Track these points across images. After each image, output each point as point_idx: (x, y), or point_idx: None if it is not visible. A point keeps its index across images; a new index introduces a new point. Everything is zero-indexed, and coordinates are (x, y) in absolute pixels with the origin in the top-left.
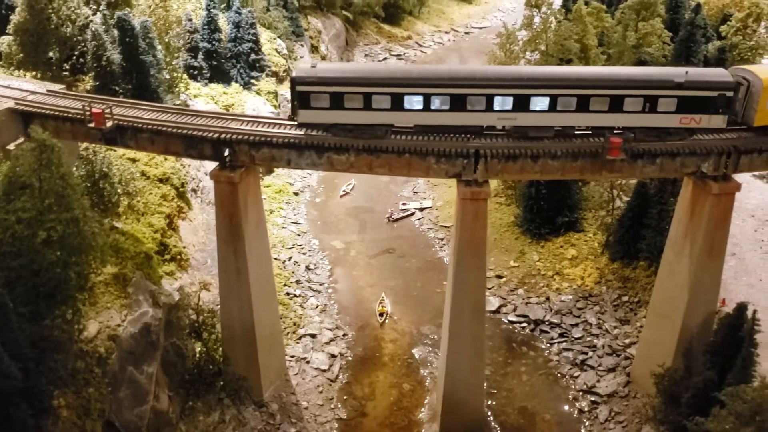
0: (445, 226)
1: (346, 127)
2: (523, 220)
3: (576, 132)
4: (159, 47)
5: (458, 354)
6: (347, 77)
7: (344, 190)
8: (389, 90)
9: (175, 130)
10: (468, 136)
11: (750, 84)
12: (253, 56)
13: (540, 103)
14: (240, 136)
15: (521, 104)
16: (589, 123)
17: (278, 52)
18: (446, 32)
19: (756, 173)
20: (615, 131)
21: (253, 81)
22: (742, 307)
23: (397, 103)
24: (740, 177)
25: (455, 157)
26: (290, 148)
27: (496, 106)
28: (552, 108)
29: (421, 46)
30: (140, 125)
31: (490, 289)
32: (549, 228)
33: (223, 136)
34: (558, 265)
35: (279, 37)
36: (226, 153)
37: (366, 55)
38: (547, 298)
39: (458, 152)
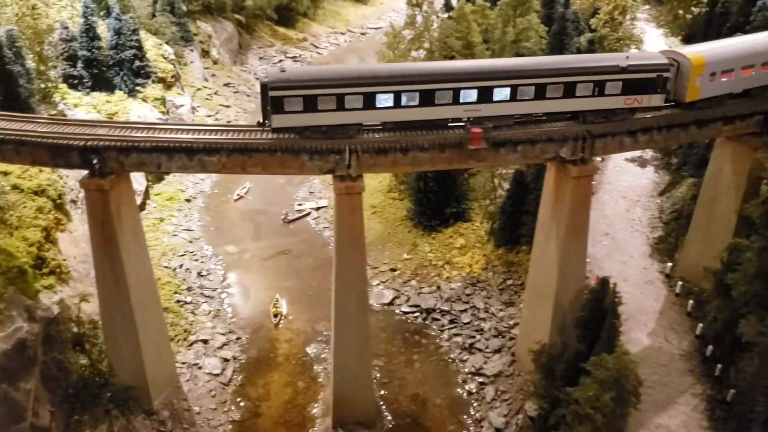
0: None
1: (319, 129)
2: (415, 214)
3: (449, 124)
4: (29, 56)
5: (345, 347)
6: (320, 79)
7: (238, 194)
8: (361, 90)
9: (40, 140)
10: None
11: (680, 65)
12: (137, 63)
13: (502, 93)
14: (107, 143)
15: (485, 96)
16: (545, 109)
17: (165, 58)
18: (342, 33)
19: (628, 156)
20: (476, 122)
21: (138, 88)
22: (604, 281)
23: (368, 102)
24: (614, 161)
25: (327, 153)
26: (160, 152)
27: (462, 99)
28: (513, 98)
29: (317, 47)
30: (3, 136)
31: (384, 282)
32: (439, 220)
33: (90, 143)
34: (448, 255)
35: (167, 42)
36: (95, 161)
37: (260, 58)
38: (438, 287)
39: (330, 148)
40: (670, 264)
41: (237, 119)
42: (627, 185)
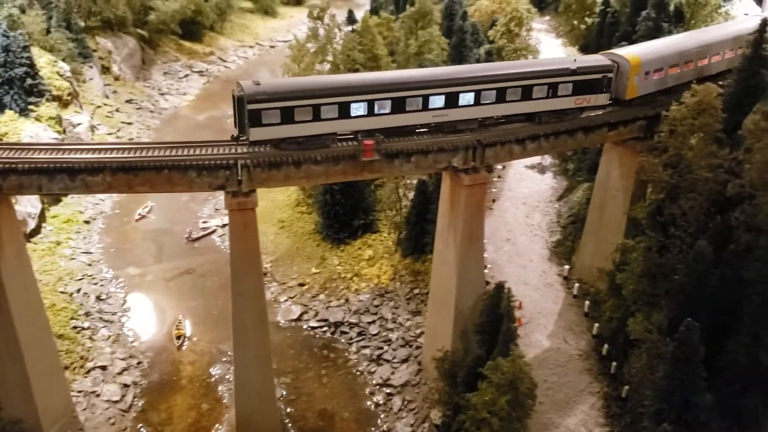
0: None
1: (296, 140)
2: (323, 227)
3: (338, 137)
4: None
5: (246, 366)
6: (297, 90)
7: (140, 214)
8: (336, 99)
9: None
10: (228, 148)
11: (619, 65)
12: (29, 81)
13: (466, 98)
14: None
15: (451, 101)
16: (505, 112)
17: (61, 76)
18: (251, 46)
19: (528, 164)
20: (368, 134)
21: (31, 107)
22: (499, 286)
23: (343, 112)
24: (515, 168)
25: (217, 168)
26: (40, 174)
27: (431, 106)
28: (477, 102)
29: (224, 61)
30: None
31: (292, 297)
32: (347, 232)
33: None
34: (357, 267)
35: (63, 59)
36: None
37: (165, 73)
38: (347, 300)
39: (219, 164)
40: (567, 266)
41: (140, 136)
42: (527, 191)
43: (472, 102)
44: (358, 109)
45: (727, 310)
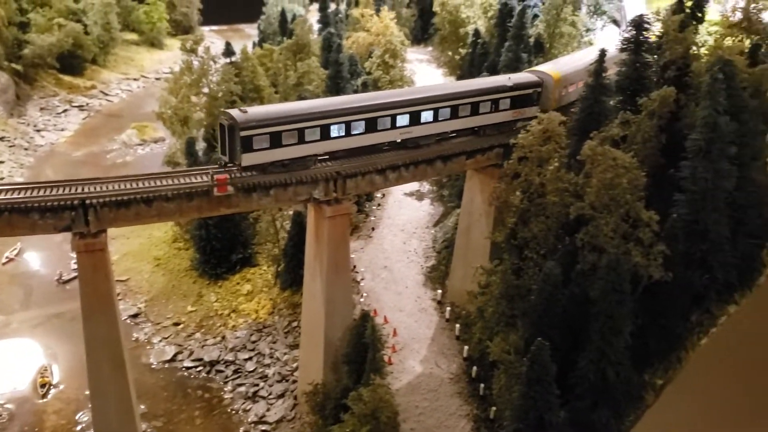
0: (121, 280)
1: (282, 163)
2: (200, 263)
3: (186, 172)
4: None
5: (105, 413)
6: (284, 116)
7: (7, 257)
8: (319, 122)
9: None
10: (75, 187)
11: (545, 81)
12: None
13: (426, 116)
14: None
15: (415, 119)
16: (458, 127)
17: None
18: (135, 79)
19: (407, 191)
20: (219, 170)
21: None
22: (364, 316)
23: (324, 134)
24: (394, 196)
25: (62, 210)
26: None
27: (398, 124)
28: (435, 119)
29: (106, 94)
30: None
31: (166, 338)
32: (225, 267)
33: None
34: (234, 303)
35: None
36: None
37: (42, 109)
38: (224, 337)
39: (64, 204)
40: (440, 291)
41: (12, 175)
42: (405, 218)
43: (431, 119)
44: (337, 130)
45: (577, 328)
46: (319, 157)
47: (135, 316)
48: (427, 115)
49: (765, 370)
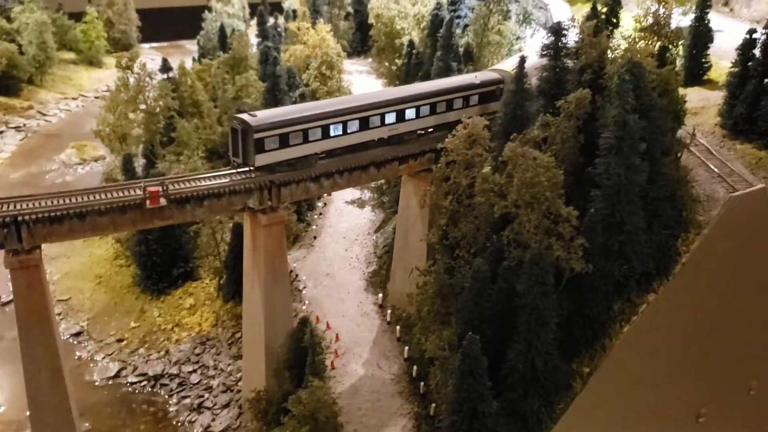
0: (63, 300)
1: (289, 162)
2: (141, 279)
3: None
4: None
5: (44, 427)
6: (292, 118)
7: None
8: (320, 123)
9: None
10: (5, 205)
11: (505, 78)
12: None
13: (410, 113)
14: None
15: (400, 117)
16: (436, 122)
17: None
18: (74, 98)
19: (348, 199)
20: (152, 183)
21: None
22: (302, 321)
23: (325, 133)
24: (335, 204)
25: None
26: None
27: (386, 122)
28: (417, 116)
29: (45, 115)
30: None
31: (110, 355)
32: (167, 282)
33: None
34: (177, 317)
35: None
36: None
37: None
38: (167, 351)
39: None
40: (381, 295)
41: None
42: (347, 226)
43: (414, 116)
44: (335, 129)
45: (507, 321)
46: (320, 155)
47: (77, 334)
48: (410, 113)
49: (681, 354)
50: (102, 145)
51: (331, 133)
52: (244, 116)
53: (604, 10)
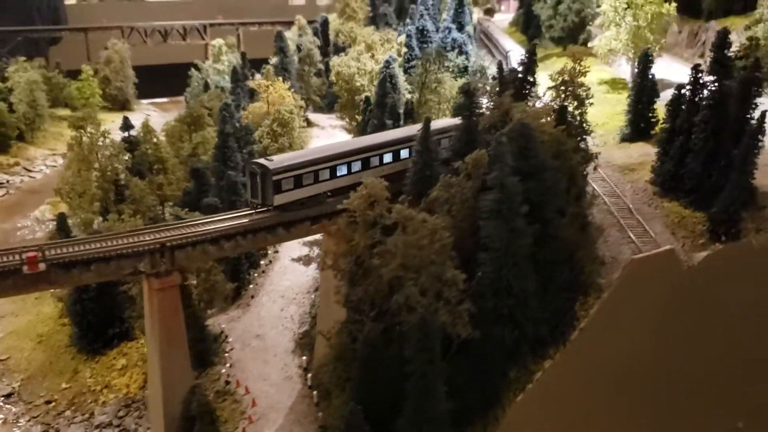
0: (2, 360)
1: (301, 201)
2: (77, 338)
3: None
4: None
5: None
6: (305, 161)
7: None
8: (329, 164)
9: None
10: None
11: None
12: None
13: (405, 153)
14: None
15: (389, 159)
16: (405, 166)
17: None
18: (63, 154)
19: (294, 257)
20: (30, 249)
21: None
22: (192, 390)
23: (333, 174)
24: (281, 263)
25: None
26: None
27: (384, 161)
28: (395, 159)
29: (29, 171)
30: None
31: (36, 417)
32: (102, 342)
33: None
34: (108, 378)
35: None
36: None
37: None
38: (92, 414)
39: None
40: (305, 357)
41: None
42: (288, 284)
43: (392, 160)
44: (341, 170)
45: (398, 389)
46: (329, 193)
47: (8, 396)
48: (404, 153)
49: (577, 423)
50: None
51: (338, 174)
52: (263, 161)
53: (521, 69)
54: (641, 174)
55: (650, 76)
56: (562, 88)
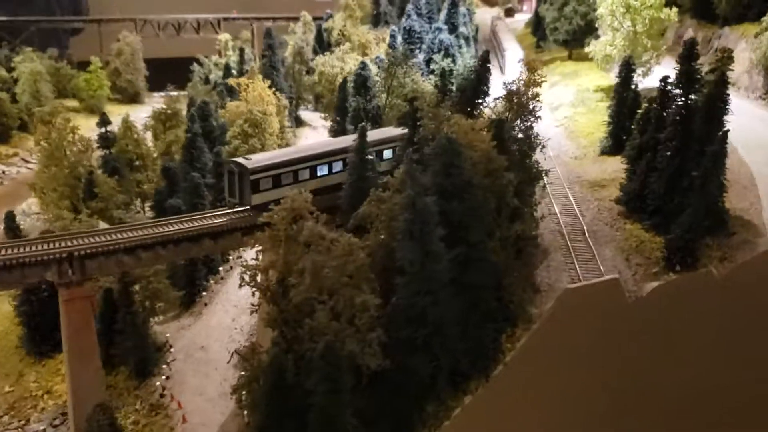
0: None
1: (279, 201)
2: (26, 340)
3: None
4: None
5: None
6: (284, 161)
7: None
8: (308, 164)
9: None
10: None
11: None
12: None
13: (388, 153)
14: None
15: (380, 156)
16: (386, 168)
17: None
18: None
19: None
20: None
21: None
22: (98, 407)
23: (312, 173)
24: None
25: None
26: None
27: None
28: (380, 159)
29: (27, 162)
30: None
31: None
32: (50, 345)
33: None
34: (51, 383)
35: None
36: None
37: None
38: (28, 421)
39: None
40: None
41: None
42: (244, 293)
43: (391, 156)
44: (322, 169)
45: (302, 419)
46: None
47: None
48: (388, 153)
49: None
50: None
51: (318, 174)
52: (240, 160)
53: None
54: (610, 191)
55: (632, 86)
56: (514, 99)
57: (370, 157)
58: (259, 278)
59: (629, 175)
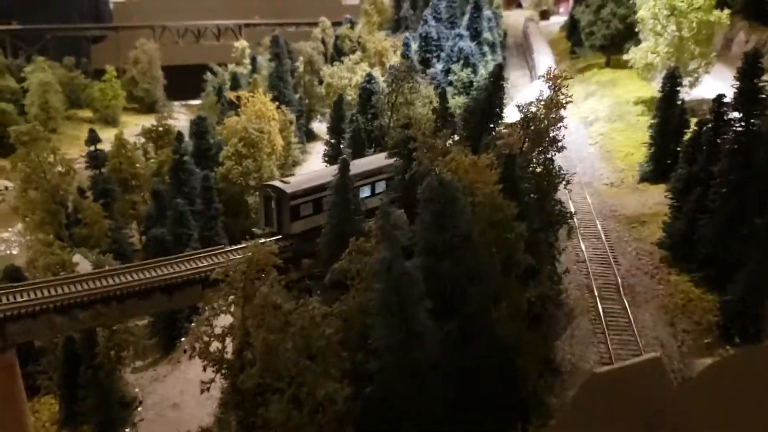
0: None
1: (320, 229)
2: None
3: None
4: None
5: None
6: (322, 184)
7: None
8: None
9: None
10: None
11: None
12: None
13: None
14: None
15: None
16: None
17: None
18: (74, 159)
19: None
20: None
21: None
22: None
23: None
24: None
25: None
26: None
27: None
28: None
29: None
30: None
31: None
32: None
33: None
34: None
35: None
36: None
37: None
38: None
39: None
40: None
41: None
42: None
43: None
44: (364, 191)
45: None
46: None
47: None
48: (382, 186)
49: None
50: None
51: (361, 195)
52: (278, 184)
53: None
54: (651, 230)
55: (678, 101)
56: (531, 127)
57: (356, 194)
58: (213, 347)
59: (674, 212)
